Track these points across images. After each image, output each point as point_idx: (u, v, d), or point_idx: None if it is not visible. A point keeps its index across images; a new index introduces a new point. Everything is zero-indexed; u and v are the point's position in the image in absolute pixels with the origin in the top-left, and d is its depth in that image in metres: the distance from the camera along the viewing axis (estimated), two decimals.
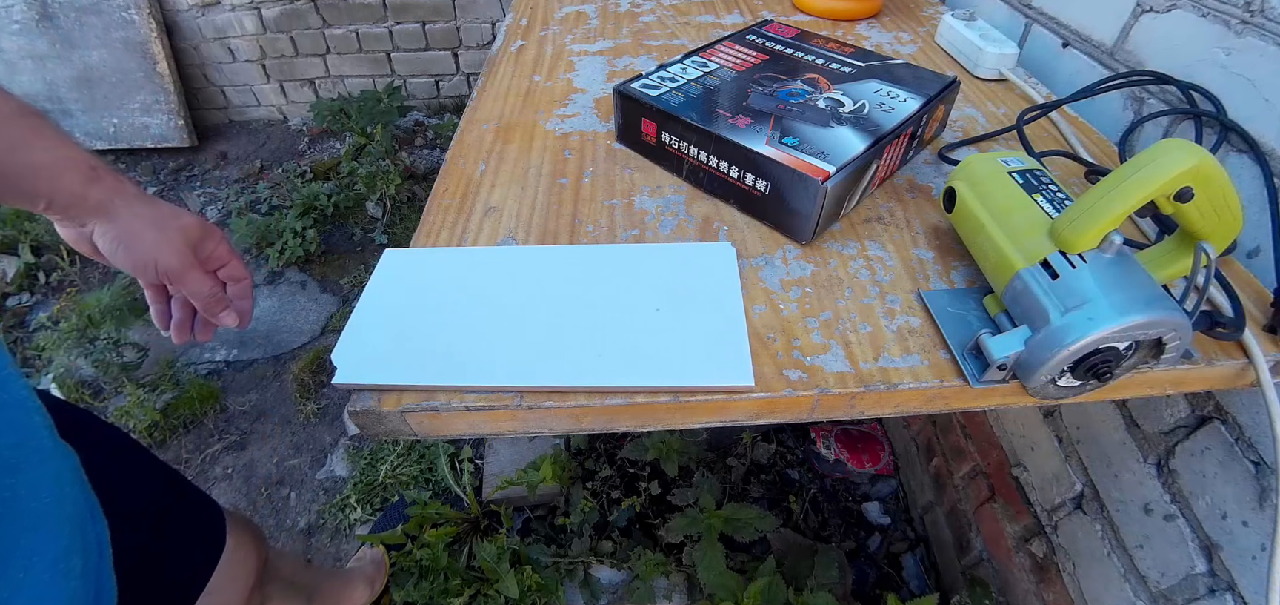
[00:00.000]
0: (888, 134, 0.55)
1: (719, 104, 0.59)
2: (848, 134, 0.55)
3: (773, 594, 0.98)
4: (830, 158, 0.51)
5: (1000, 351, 0.40)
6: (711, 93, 0.61)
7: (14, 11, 2.07)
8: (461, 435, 0.88)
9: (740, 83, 0.63)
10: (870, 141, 0.53)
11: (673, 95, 0.60)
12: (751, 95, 0.60)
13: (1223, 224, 0.41)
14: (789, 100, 0.60)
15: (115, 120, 2.26)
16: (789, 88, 0.62)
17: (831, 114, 0.57)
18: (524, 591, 1.06)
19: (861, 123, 0.56)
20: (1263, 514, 0.54)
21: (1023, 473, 0.88)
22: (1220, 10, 0.59)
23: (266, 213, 2.06)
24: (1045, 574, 0.84)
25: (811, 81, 0.63)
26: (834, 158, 0.51)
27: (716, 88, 0.62)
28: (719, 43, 0.72)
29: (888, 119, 0.57)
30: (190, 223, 0.51)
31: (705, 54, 0.69)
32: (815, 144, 0.53)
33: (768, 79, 0.63)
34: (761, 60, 0.68)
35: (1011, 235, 0.44)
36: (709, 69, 0.65)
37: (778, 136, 0.54)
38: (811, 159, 0.51)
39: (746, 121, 0.56)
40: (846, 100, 0.60)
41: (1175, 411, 0.62)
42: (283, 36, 2.31)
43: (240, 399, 1.56)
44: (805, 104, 0.59)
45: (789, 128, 0.55)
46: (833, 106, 0.59)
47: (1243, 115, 0.57)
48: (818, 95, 0.61)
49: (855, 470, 1.26)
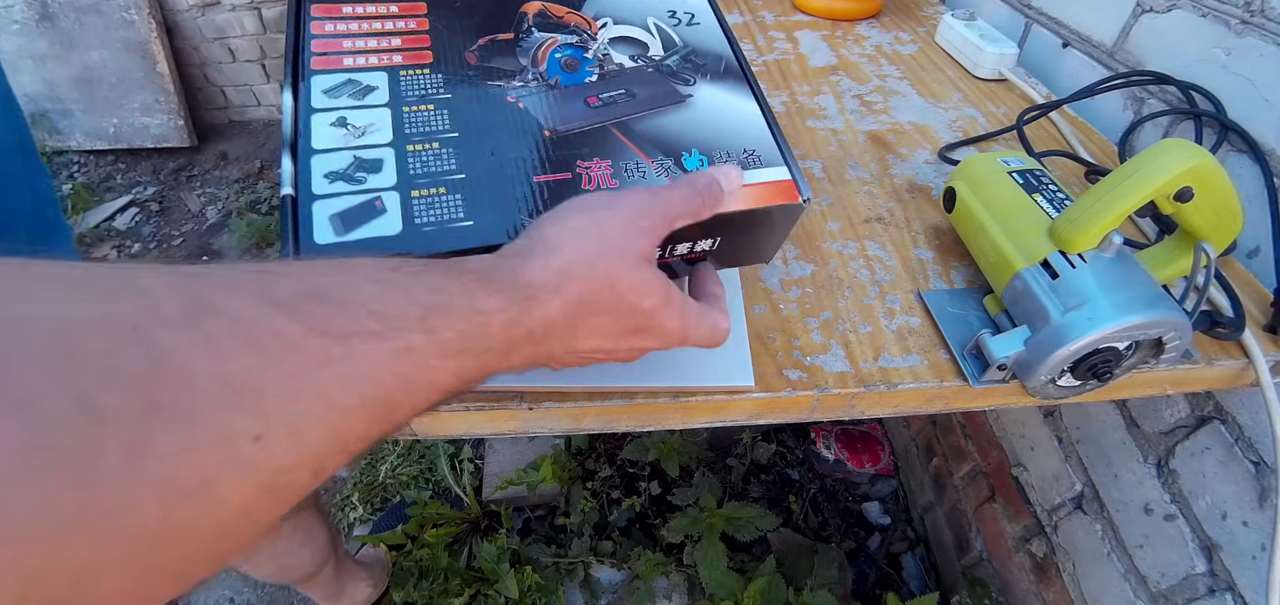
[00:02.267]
0: (744, 68, 0.40)
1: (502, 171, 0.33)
2: (719, 94, 0.38)
3: (773, 594, 0.98)
4: (756, 150, 0.36)
5: (1000, 351, 0.40)
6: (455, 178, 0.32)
7: (14, 11, 2.07)
8: (461, 435, 0.88)
9: (469, 107, 0.35)
10: (757, 90, 0.39)
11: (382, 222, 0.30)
12: (507, 126, 0.34)
13: (1223, 224, 0.41)
14: (577, 78, 0.37)
15: (115, 120, 2.25)
16: (545, 66, 0.37)
17: (664, 72, 0.39)
18: (524, 591, 1.06)
19: (700, 61, 0.40)
20: (1263, 514, 0.54)
21: (1023, 473, 0.88)
22: (1220, 10, 0.59)
23: (266, 213, 2.06)
24: (1045, 574, 0.84)
25: (551, 22, 0.39)
26: (758, 145, 0.36)
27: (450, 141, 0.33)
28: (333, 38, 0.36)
29: (710, 38, 0.41)
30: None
31: (326, 62, 0.35)
32: (712, 140, 0.36)
33: (495, 72, 0.36)
34: (427, 33, 0.37)
35: (1011, 235, 0.44)
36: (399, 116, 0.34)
37: (666, 163, 0.35)
38: (748, 176, 0.35)
39: (594, 167, 0.34)
40: (646, 34, 0.41)
41: (1175, 411, 0.62)
42: (283, 36, 2.31)
43: None
44: (613, 79, 0.38)
45: (645, 135, 0.35)
46: (642, 57, 0.39)
47: (1243, 115, 0.57)
48: (604, 50, 0.39)
49: (855, 470, 1.26)
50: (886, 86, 0.77)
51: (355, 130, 0.32)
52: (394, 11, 0.37)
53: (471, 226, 0.31)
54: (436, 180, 0.32)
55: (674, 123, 0.36)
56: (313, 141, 0.32)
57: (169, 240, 2.01)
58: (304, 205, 0.30)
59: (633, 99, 0.37)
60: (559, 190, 0.33)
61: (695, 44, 0.40)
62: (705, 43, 0.41)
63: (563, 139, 0.34)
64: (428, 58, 0.36)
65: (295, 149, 0.31)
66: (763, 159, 0.36)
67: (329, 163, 0.31)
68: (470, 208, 0.31)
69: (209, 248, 1.97)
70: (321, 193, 0.30)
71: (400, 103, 0.34)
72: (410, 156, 0.32)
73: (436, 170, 0.32)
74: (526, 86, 0.36)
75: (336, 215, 0.30)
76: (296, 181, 0.30)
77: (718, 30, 0.41)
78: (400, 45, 0.36)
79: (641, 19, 0.41)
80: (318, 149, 0.31)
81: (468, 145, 0.33)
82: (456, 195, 0.32)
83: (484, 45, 0.37)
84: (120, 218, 2.09)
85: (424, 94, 0.34)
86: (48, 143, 2.26)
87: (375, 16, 0.37)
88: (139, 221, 2.08)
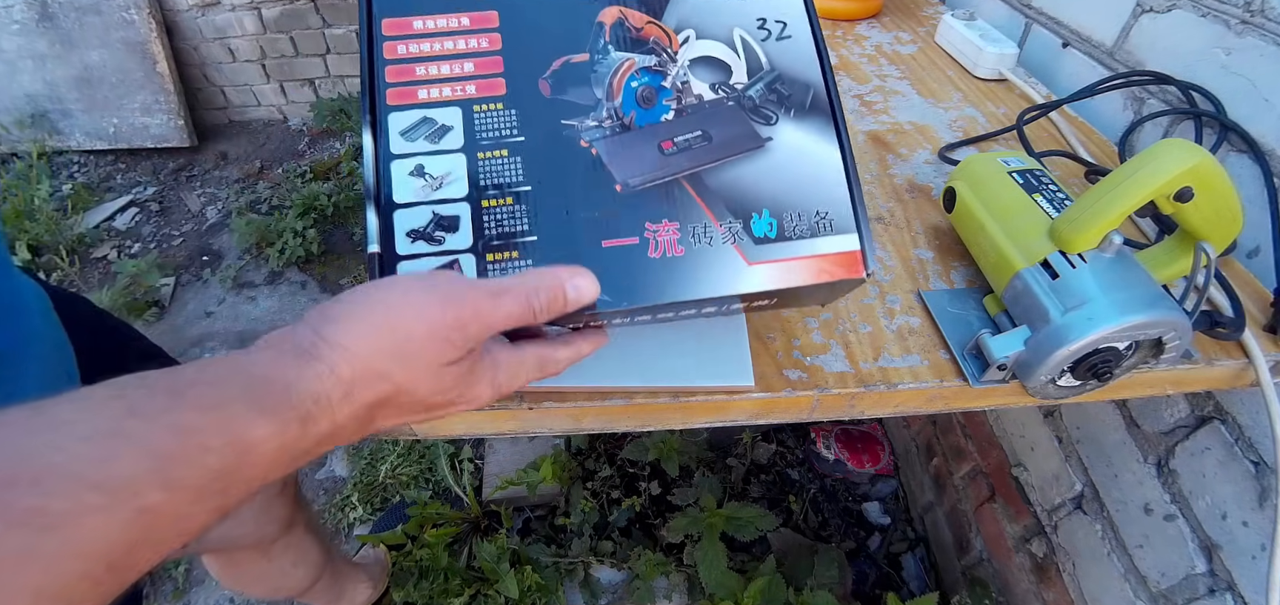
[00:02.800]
0: (834, 100, 0.37)
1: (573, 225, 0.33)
2: (800, 137, 0.36)
3: (773, 594, 0.98)
4: (830, 213, 0.34)
5: (1000, 351, 0.40)
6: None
7: (14, 11, 2.07)
8: (461, 435, 0.88)
9: (543, 154, 0.34)
10: (842, 132, 0.36)
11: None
12: (572, 145, 0.34)
13: (1223, 224, 0.41)
14: (653, 114, 0.35)
15: (115, 120, 2.25)
16: (620, 99, 0.36)
17: (745, 106, 0.36)
18: (524, 591, 1.06)
19: (786, 90, 0.36)
20: (1263, 514, 0.54)
21: (1023, 473, 0.88)
22: (1220, 10, 0.59)
23: (266, 213, 2.06)
24: (1045, 574, 0.84)
25: (629, 35, 0.37)
26: (833, 206, 0.34)
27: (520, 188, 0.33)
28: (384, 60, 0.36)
29: (801, 59, 0.37)
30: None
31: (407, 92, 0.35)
32: (786, 197, 0.34)
33: (570, 107, 0.35)
34: (500, 53, 0.36)
35: (1011, 235, 0.44)
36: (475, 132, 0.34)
37: (735, 227, 0.34)
38: (810, 245, 0.34)
39: (661, 231, 0.33)
40: (730, 52, 0.37)
41: (1175, 411, 0.62)
42: (283, 36, 2.31)
43: None
44: (691, 115, 0.36)
45: (717, 190, 0.34)
46: (724, 85, 0.36)
47: (1243, 115, 0.57)
48: (683, 75, 0.37)
49: (855, 470, 1.26)
50: (886, 86, 0.77)
51: (433, 181, 0.33)
52: (466, 25, 0.36)
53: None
54: (510, 242, 0.32)
55: (749, 173, 0.35)
56: (394, 195, 0.33)
57: (169, 240, 2.01)
58: (389, 267, 0.31)
59: (709, 144, 0.35)
60: (626, 257, 0.33)
61: (784, 66, 0.37)
62: (794, 65, 0.37)
63: (634, 193, 0.34)
64: (501, 87, 0.35)
65: (379, 200, 0.32)
66: (834, 224, 0.34)
67: (410, 219, 0.32)
68: None
69: (209, 248, 1.97)
70: (405, 253, 0.32)
71: (475, 146, 0.34)
72: (485, 214, 0.33)
73: (510, 230, 0.33)
74: (600, 126, 0.35)
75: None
76: (382, 238, 0.32)
77: (811, 46, 0.38)
78: (473, 70, 0.35)
79: (727, 33, 0.37)
80: (400, 203, 0.33)
81: (541, 201, 0.33)
82: (527, 261, 0.32)
83: (558, 69, 0.36)
84: (120, 218, 2.09)
85: (498, 137, 0.34)
86: (48, 143, 2.26)
87: (447, 32, 0.36)
88: (139, 221, 2.08)
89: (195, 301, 1.80)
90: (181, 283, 1.86)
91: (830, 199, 0.35)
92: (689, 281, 0.33)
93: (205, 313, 1.76)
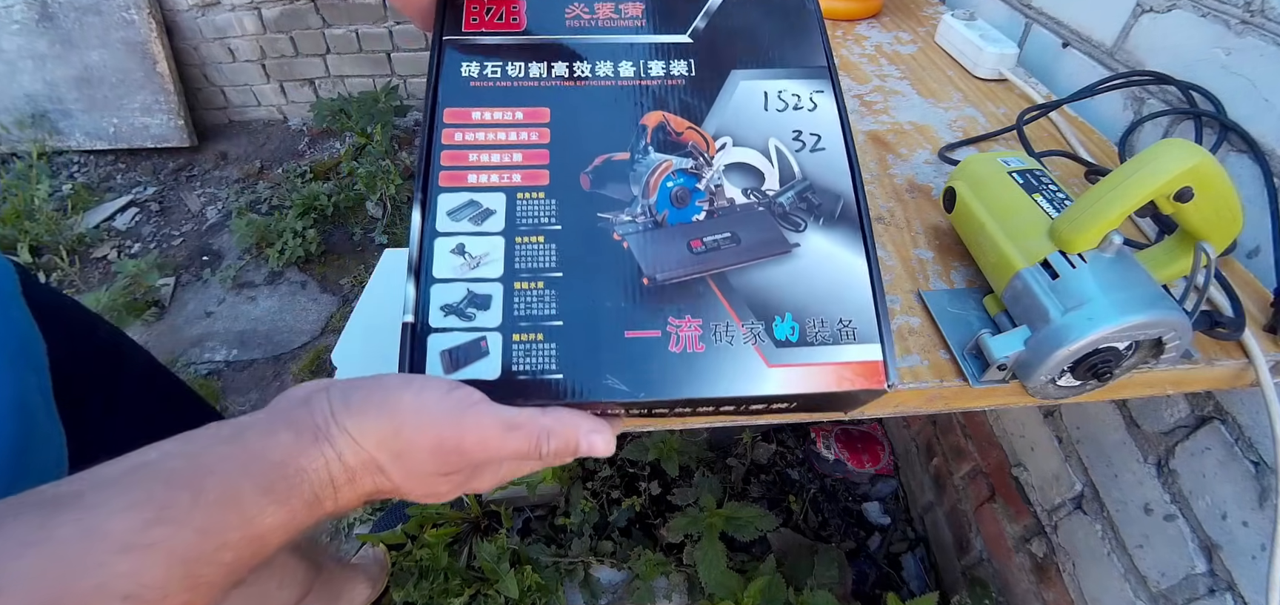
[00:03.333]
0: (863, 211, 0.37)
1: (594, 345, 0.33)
2: (827, 245, 0.36)
3: (773, 594, 0.98)
4: (853, 321, 0.34)
5: (1000, 351, 0.40)
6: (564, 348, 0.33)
7: (14, 11, 2.07)
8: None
9: (577, 243, 0.35)
10: (869, 243, 0.36)
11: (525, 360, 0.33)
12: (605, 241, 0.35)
13: (1223, 224, 0.41)
14: (685, 214, 0.36)
15: (115, 120, 2.25)
16: (655, 198, 0.37)
17: (775, 212, 0.37)
18: (524, 591, 1.06)
19: (816, 199, 0.37)
20: (1263, 514, 0.54)
21: (1023, 473, 0.88)
22: (1220, 10, 0.59)
23: (266, 213, 2.06)
24: (1045, 574, 0.84)
25: (670, 139, 0.38)
26: (857, 315, 0.34)
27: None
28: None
29: (833, 171, 0.38)
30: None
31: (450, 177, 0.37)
32: (809, 303, 0.35)
33: (606, 201, 0.36)
34: (547, 146, 0.37)
35: (1011, 235, 0.44)
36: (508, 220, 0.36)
37: (757, 328, 0.34)
38: (832, 351, 0.34)
39: (684, 326, 0.34)
40: (764, 160, 0.38)
41: (1175, 411, 0.62)
42: (283, 36, 2.31)
43: (241, 399, 1.55)
44: (721, 217, 0.36)
45: (741, 290, 0.35)
46: (756, 191, 0.37)
47: (1243, 115, 0.57)
48: (717, 178, 0.38)
49: (855, 470, 1.26)
50: (886, 86, 0.77)
51: (471, 260, 0.35)
52: (520, 119, 0.38)
53: (561, 380, 0.32)
54: (537, 325, 0.33)
55: (774, 277, 0.35)
56: (434, 269, 0.34)
57: (169, 240, 2.01)
58: (420, 337, 0.33)
59: (736, 245, 0.36)
60: (646, 348, 0.33)
61: (815, 176, 0.38)
62: (826, 176, 0.38)
63: (659, 287, 0.35)
64: (544, 178, 0.37)
65: (419, 272, 0.34)
66: (857, 332, 0.34)
67: (446, 294, 0.34)
68: (563, 360, 0.33)
69: (209, 248, 1.97)
70: (437, 326, 0.33)
71: (514, 230, 0.35)
72: (516, 295, 0.34)
73: (538, 314, 0.34)
74: (633, 221, 0.36)
75: (447, 352, 0.32)
76: (417, 309, 0.33)
77: (844, 159, 0.39)
78: (521, 160, 0.37)
79: (763, 142, 0.39)
80: (438, 277, 0.34)
81: (570, 288, 0.34)
82: (552, 344, 0.33)
83: (599, 165, 0.37)
84: (120, 218, 2.09)
85: (536, 223, 0.36)
86: (48, 143, 2.26)
87: (501, 123, 0.38)
88: (139, 221, 2.09)
89: (195, 301, 1.80)
90: (181, 283, 1.86)
91: (854, 307, 0.35)
92: (708, 379, 0.33)
93: (205, 313, 1.76)
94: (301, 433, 0.27)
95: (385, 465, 0.28)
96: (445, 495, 0.31)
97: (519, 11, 0.41)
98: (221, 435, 0.26)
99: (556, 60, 0.40)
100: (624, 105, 0.39)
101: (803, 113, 0.40)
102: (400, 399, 0.28)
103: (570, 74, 0.40)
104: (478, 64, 0.39)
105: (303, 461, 0.27)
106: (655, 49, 0.41)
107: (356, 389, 0.29)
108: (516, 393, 0.32)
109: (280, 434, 0.27)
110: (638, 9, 0.42)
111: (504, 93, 0.39)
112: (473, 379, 0.32)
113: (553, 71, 0.39)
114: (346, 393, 0.29)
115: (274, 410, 0.28)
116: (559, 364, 0.33)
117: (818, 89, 0.41)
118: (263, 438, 0.27)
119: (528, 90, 0.39)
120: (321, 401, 0.28)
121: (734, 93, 0.40)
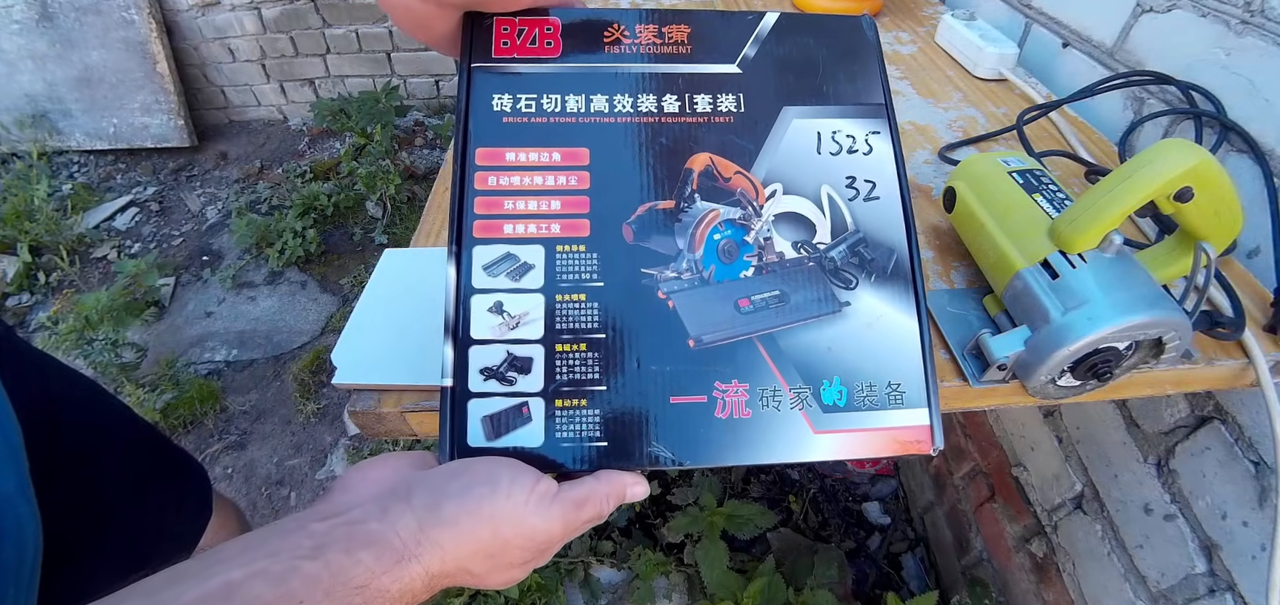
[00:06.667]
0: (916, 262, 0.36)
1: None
2: (878, 305, 0.35)
3: (773, 593, 0.98)
4: (902, 385, 0.33)
5: (1000, 351, 0.40)
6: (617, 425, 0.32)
7: (14, 11, 2.07)
8: None
9: (619, 302, 0.34)
10: (921, 301, 0.35)
11: (568, 444, 0.32)
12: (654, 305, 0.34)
13: (1223, 224, 0.41)
14: (733, 270, 0.35)
15: (115, 120, 2.25)
16: (701, 252, 0.35)
17: (826, 268, 0.35)
18: (524, 591, 1.06)
19: (869, 254, 0.36)
20: (1263, 514, 0.54)
21: (1023, 473, 0.88)
22: (1220, 10, 0.59)
23: (266, 213, 2.06)
24: (1045, 574, 0.84)
25: (717, 184, 0.36)
26: (906, 379, 0.34)
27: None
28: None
29: (887, 222, 0.37)
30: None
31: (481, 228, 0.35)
32: (858, 367, 0.34)
33: (650, 255, 0.35)
34: (587, 192, 0.35)
35: (1011, 235, 0.44)
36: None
37: (804, 393, 0.33)
38: (880, 417, 0.33)
39: (730, 391, 0.33)
40: (816, 211, 0.37)
41: (1175, 411, 0.62)
42: (283, 36, 2.31)
43: (240, 399, 1.56)
44: (770, 274, 0.35)
45: (789, 353, 0.34)
46: (806, 244, 0.36)
47: (1243, 115, 0.57)
48: (767, 231, 0.36)
49: (855, 470, 1.26)
50: None
51: (510, 320, 0.33)
52: (557, 161, 0.36)
53: (605, 448, 0.32)
54: (579, 390, 0.32)
55: (823, 338, 0.34)
56: (471, 330, 0.33)
57: (169, 240, 2.01)
58: (460, 401, 0.32)
59: (785, 305, 0.34)
60: (692, 415, 0.32)
61: (868, 228, 0.36)
62: (879, 228, 0.36)
63: (706, 350, 0.33)
64: (585, 229, 0.35)
65: (456, 334, 0.32)
66: (906, 397, 0.33)
67: (485, 356, 0.32)
68: (608, 428, 0.32)
69: (209, 247, 1.97)
70: (477, 390, 0.32)
71: (554, 287, 0.33)
72: (558, 358, 0.32)
73: (581, 377, 0.32)
74: (679, 278, 0.34)
75: (488, 418, 0.31)
76: (455, 372, 0.32)
77: (899, 210, 0.37)
78: (560, 209, 0.35)
79: (815, 190, 0.37)
80: (476, 339, 0.32)
81: (614, 350, 0.33)
82: (595, 411, 0.32)
83: (643, 215, 0.35)
84: (120, 218, 2.09)
85: (577, 280, 0.34)
86: (48, 143, 2.26)
87: (538, 166, 0.35)
88: (139, 221, 2.09)
89: (195, 301, 1.80)
90: (181, 283, 1.86)
91: (904, 371, 0.34)
92: (753, 446, 0.32)
93: (205, 312, 1.77)
94: (383, 554, 0.26)
95: (475, 569, 0.28)
96: (521, 578, 0.32)
97: (553, 35, 0.37)
98: (301, 550, 0.25)
99: (595, 92, 0.37)
100: (668, 145, 0.37)
101: (857, 157, 0.38)
102: (495, 507, 0.28)
103: (610, 109, 0.37)
104: (510, 97, 0.36)
105: (385, 582, 0.26)
106: (702, 80, 0.38)
107: (446, 497, 0.28)
108: (562, 457, 0.32)
109: (360, 553, 0.26)
110: (683, 32, 0.38)
111: (540, 130, 0.36)
112: (515, 448, 0.31)
113: (591, 106, 0.37)
114: (436, 503, 0.28)
115: (351, 521, 0.27)
116: (603, 432, 0.32)
117: (874, 129, 0.38)
118: (343, 557, 0.26)
119: (565, 127, 0.36)
120: (405, 516, 0.27)
121: (785, 132, 0.37)
